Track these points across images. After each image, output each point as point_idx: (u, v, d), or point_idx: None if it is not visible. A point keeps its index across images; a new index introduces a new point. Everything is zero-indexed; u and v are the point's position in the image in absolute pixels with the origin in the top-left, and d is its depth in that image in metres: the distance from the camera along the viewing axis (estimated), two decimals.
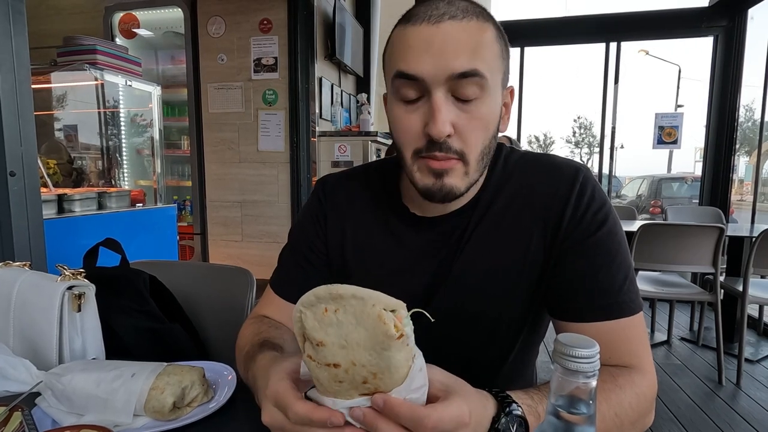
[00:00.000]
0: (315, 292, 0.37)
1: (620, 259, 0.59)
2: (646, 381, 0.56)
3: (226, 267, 1.08)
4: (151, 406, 0.56)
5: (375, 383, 0.37)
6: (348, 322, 0.36)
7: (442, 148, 0.55)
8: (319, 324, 0.37)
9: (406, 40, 0.56)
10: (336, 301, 0.37)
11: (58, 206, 1.81)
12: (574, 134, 27.15)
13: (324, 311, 0.37)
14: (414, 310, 0.38)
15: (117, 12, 3.34)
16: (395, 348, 0.35)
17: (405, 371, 0.37)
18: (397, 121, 0.59)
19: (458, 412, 0.38)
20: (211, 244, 3.31)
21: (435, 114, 0.54)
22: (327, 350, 0.37)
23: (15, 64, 1.19)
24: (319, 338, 0.37)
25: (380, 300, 0.36)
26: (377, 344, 0.35)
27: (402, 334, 0.35)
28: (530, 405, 0.45)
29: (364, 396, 0.38)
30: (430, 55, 0.53)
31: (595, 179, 0.63)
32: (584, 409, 0.31)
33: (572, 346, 0.31)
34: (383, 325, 0.35)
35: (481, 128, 0.57)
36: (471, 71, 0.53)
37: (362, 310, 0.36)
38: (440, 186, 0.57)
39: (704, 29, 3.51)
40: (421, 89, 0.55)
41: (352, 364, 0.36)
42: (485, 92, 0.55)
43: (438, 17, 0.54)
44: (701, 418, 1.93)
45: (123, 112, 2.73)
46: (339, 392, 0.38)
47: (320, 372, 0.38)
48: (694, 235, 2.19)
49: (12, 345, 0.70)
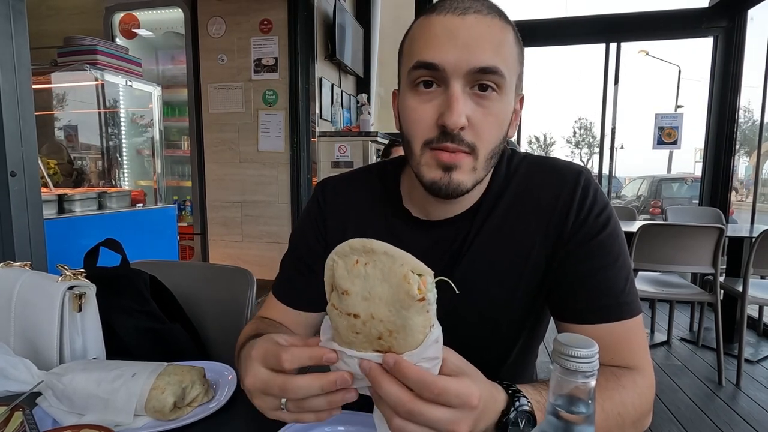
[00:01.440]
0: (350, 243, 0.38)
1: (621, 261, 0.60)
2: (647, 382, 0.56)
3: (226, 267, 1.08)
4: (152, 405, 0.56)
5: (389, 341, 0.37)
6: (375, 276, 0.37)
7: (455, 140, 0.55)
8: (348, 274, 0.38)
9: (431, 29, 0.55)
10: (368, 254, 0.38)
11: (59, 206, 1.81)
12: (575, 135, 27.18)
13: (355, 262, 0.38)
14: (440, 278, 0.38)
15: (117, 12, 3.35)
16: (414, 310, 0.36)
17: (420, 337, 0.37)
18: (410, 111, 0.58)
19: (467, 392, 0.37)
20: (211, 245, 3.31)
21: (452, 104, 0.53)
22: (350, 300, 0.38)
23: (16, 65, 1.19)
24: (345, 287, 0.38)
25: (409, 261, 0.37)
26: (397, 302, 0.36)
27: (423, 298, 0.36)
28: (539, 401, 0.45)
29: (377, 352, 0.38)
30: (454, 45, 0.53)
31: (596, 182, 0.63)
32: (583, 409, 0.31)
33: (571, 346, 0.31)
34: (407, 284, 0.36)
35: (494, 125, 0.56)
36: (492, 68, 0.54)
37: (390, 267, 0.37)
38: (448, 181, 0.56)
39: (704, 30, 3.52)
40: (440, 79, 0.55)
41: (371, 317, 0.37)
42: (502, 91, 0.56)
43: (464, 9, 0.54)
44: (701, 419, 1.93)
45: (123, 112, 2.74)
46: (354, 343, 0.39)
47: (340, 320, 0.39)
48: (694, 235, 2.19)
49: (13, 345, 0.71)
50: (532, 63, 2.13)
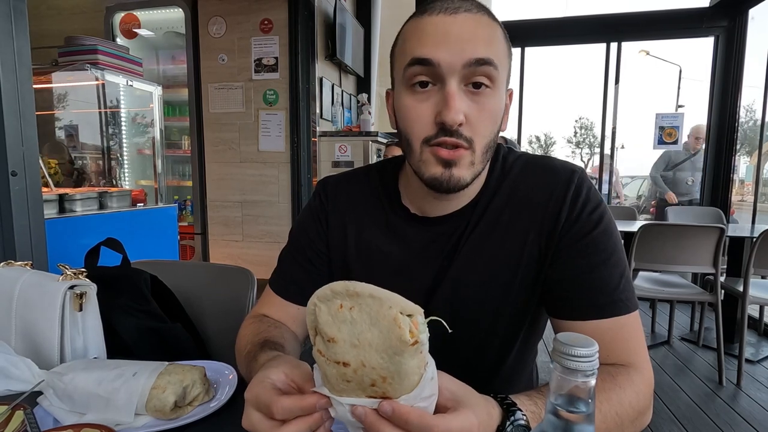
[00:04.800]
0: (332, 286, 0.36)
1: (616, 258, 0.60)
2: (644, 379, 0.56)
3: (226, 267, 1.08)
4: (153, 405, 0.56)
5: (384, 387, 0.36)
6: (362, 321, 0.35)
7: (453, 135, 0.56)
8: (333, 319, 0.36)
9: (423, 29, 0.57)
10: (352, 298, 0.36)
11: (60, 206, 1.81)
12: (575, 134, 27.16)
13: (339, 307, 0.36)
14: (431, 318, 0.36)
15: (118, 12, 3.35)
16: (408, 354, 0.34)
17: (416, 379, 0.36)
18: (407, 110, 0.59)
19: (467, 424, 0.37)
20: (211, 244, 3.32)
21: (449, 101, 0.55)
22: (338, 347, 0.36)
23: (16, 64, 1.19)
24: (331, 334, 0.36)
25: (397, 303, 0.35)
26: (390, 348, 0.34)
27: (417, 341, 0.34)
28: (534, 411, 0.45)
29: (371, 398, 0.37)
30: (447, 43, 0.55)
31: (590, 181, 0.64)
32: (583, 408, 0.32)
33: (571, 345, 0.31)
34: (398, 329, 0.34)
35: (489, 119, 0.58)
36: (487, 59, 0.55)
37: (378, 310, 0.35)
38: (448, 176, 0.58)
39: (705, 29, 3.51)
40: (435, 77, 0.56)
41: (362, 365, 0.35)
42: (495, 84, 0.57)
43: (454, 9, 0.56)
44: (701, 419, 1.93)
45: (124, 112, 2.74)
46: (345, 391, 0.37)
47: (329, 369, 0.37)
48: (695, 235, 2.19)
49: (14, 344, 0.71)
50: (532, 62, 2.12)
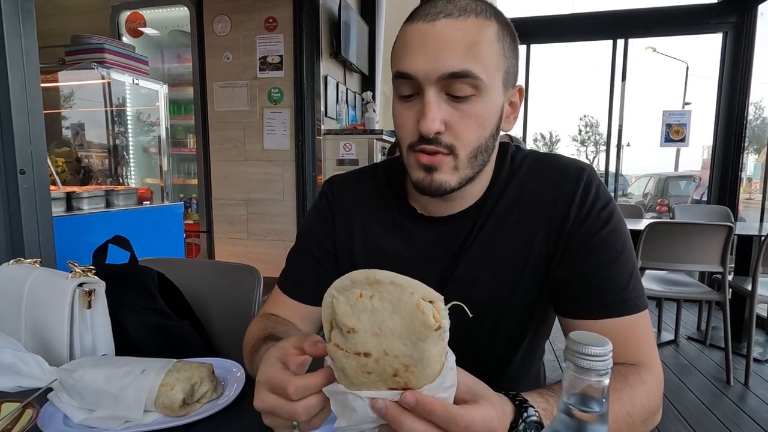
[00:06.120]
0: (351, 276, 0.36)
1: (625, 257, 0.59)
2: (654, 378, 0.56)
3: (233, 265, 1.09)
4: (162, 402, 0.57)
5: (406, 376, 0.35)
6: (383, 309, 0.35)
7: (432, 142, 0.57)
8: (352, 310, 0.35)
9: (405, 38, 0.57)
10: (372, 286, 0.35)
11: (67, 204, 1.82)
12: (580, 132, 26.98)
13: (358, 296, 0.35)
14: (453, 303, 0.36)
15: (124, 11, 3.36)
16: (431, 340, 0.34)
17: (438, 367, 0.35)
18: (397, 117, 0.61)
19: (488, 417, 0.37)
20: (216, 242, 3.33)
21: (425, 111, 0.55)
22: (358, 338, 0.35)
23: (24, 62, 1.20)
24: (351, 324, 0.35)
25: (419, 289, 0.35)
26: (413, 334, 0.34)
27: (440, 326, 0.34)
28: (546, 409, 0.44)
29: (391, 390, 0.36)
30: (423, 54, 0.55)
31: (599, 179, 0.63)
32: (597, 408, 0.31)
33: (585, 344, 0.30)
34: (421, 314, 0.34)
35: (474, 126, 0.57)
36: (462, 72, 0.54)
37: (399, 297, 0.34)
38: (430, 181, 0.59)
39: (713, 25, 3.48)
40: (416, 87, 0.57)
41: (384, 354, 0.35)
42: (480, 91, 0.56)
43: (434, 15, 0.55)
44: (709, 418, 1.92)
45: (130, 110, 2.75)
46: (365, 384, 0.36)
47: (348, 362, 0.36)
48: (703, 233, 2.17)
49: (23, 341, 0.71)
50: (537, 60, 2.09)
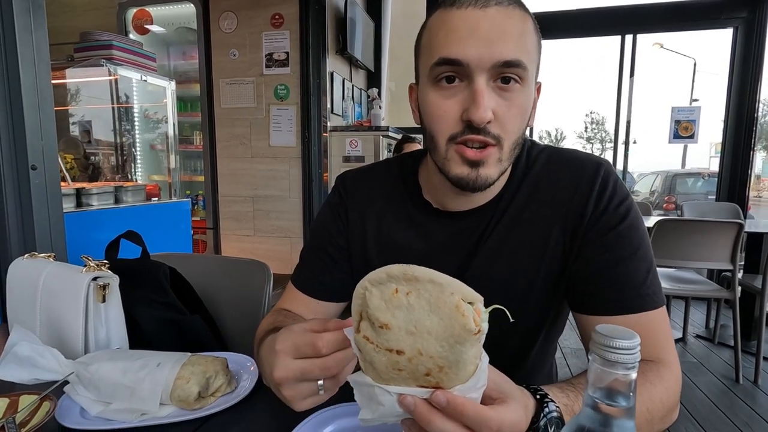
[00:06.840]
0: (387, 269, 0.34)
1: (642, 253, 0.59)
2: (673, 375, 0.55)
3: (243, 260, 1.09)
4: (177, 395, 0.57)
5: (439, 377, 0.34)
6: (420, 308, 0.33)
7: (481, 133, 0.55)
8: (386, 305, 0.34)
9: (451, 23, 0.54)
10: (410, 283, 0.34)
11: (77, 200, 1.83)
12: (586, 129, 26.81)
13: (394, 292, 0.34)
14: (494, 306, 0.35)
15: (131, 8, 3.37)
16: (470, 343, 0.33)
17: (472, 368, 0.34)
18: (433, 107, 0.57)
19: (517, 417, 0.37)
20: (223, 239, 3.34)
21: (478, 99, 0.53)
22: (391, 334, 0.34)
23: (35, 59, 1.20)
24: (384, 320, 0.34)
25: (459, 289, 0.33)
26: (451, 336, 0.33)
27: (480, 330, 0.33)
28: (566, 404, 0.44)
29: (421, 387, 0.35)
30: (476, 40, 0.53)
31: (616, 173, 0.63)
32: (623, 402, 0.31)
33: (613, 337, 0.30)
34: (462, 317, 0.32)
35: (518, 116, 0.56)
36: (515, 61, 0.53)
37: (438, 297, 0.33)
38: (475, 176, 0.57)
39: (724, 20, 3.43)
40: (462, 74, 0.55)
41: (419, 354, 0.33)
42: (525, 82, 0.55)
43: (485, 2, 0.53)
44: (718, 417, 1.90)
45: (137, 107, 2.76)
46: (394, 380, 0.35)
47: (378, 356, 0.35)
48: (712, 231, 2.15)
49: (39, 334, 0.72)
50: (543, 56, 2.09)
